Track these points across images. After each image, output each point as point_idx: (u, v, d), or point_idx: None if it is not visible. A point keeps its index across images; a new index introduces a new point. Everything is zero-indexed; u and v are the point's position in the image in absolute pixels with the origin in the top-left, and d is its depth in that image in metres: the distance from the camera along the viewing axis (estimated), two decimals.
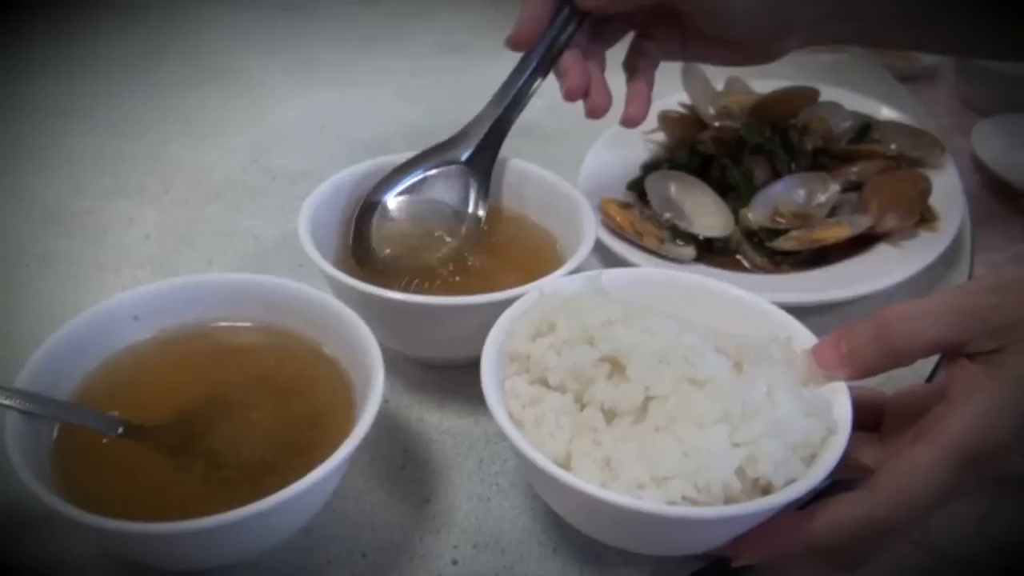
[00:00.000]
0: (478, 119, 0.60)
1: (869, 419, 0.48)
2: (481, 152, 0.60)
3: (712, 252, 0.65)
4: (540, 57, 0.58)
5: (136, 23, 1.05)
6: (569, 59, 0.58)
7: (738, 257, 0.65)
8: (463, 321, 0.51)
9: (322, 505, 0.45)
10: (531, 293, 0.50)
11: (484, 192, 0.59)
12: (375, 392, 0.44)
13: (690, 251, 0.63)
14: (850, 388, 0.45)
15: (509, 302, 0.50)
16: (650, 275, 0.54)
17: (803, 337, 0.48)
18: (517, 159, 0.62)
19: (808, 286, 0.62)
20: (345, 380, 0.49)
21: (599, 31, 0.61)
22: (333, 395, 0.48)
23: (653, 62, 0.61)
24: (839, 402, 0.44)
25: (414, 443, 0.54)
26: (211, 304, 0.51)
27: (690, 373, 0.43)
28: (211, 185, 0.77)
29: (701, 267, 0.63)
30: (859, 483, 0.44)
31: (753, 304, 0.51)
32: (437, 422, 0.55)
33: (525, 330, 0.47)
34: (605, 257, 0.65)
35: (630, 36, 0.63)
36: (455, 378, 0.57)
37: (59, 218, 0.72)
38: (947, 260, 0.67)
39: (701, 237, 0.64)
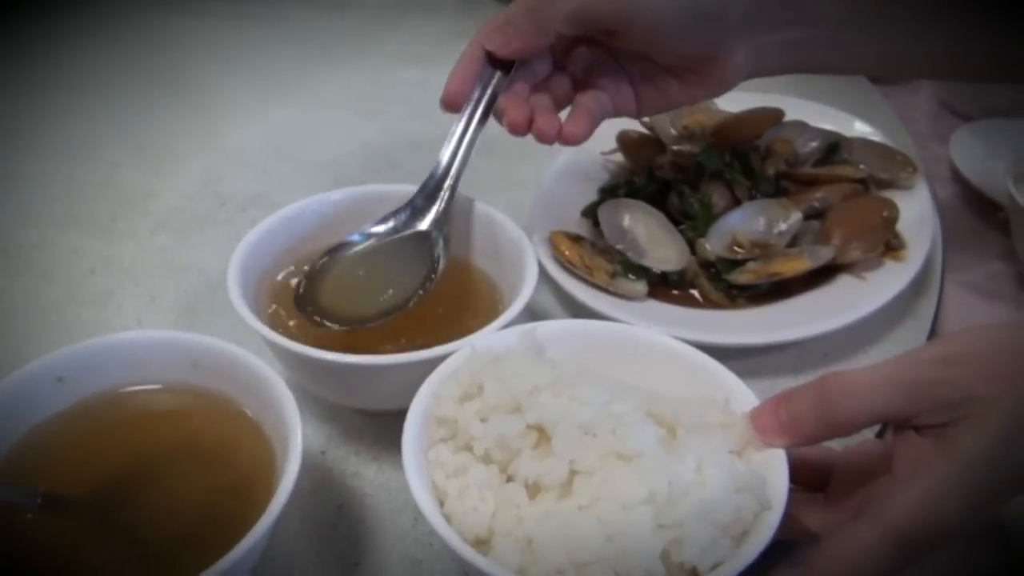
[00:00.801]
0: (430, 178, 0.58)
1: (816, 478, 0.46)
2: (436, 214, 0.58)
3: (667, 285, 0.63)
4: (473, 108, 0.57)
5: (94, 36, 1.02)
6: (505, 100, 0.56)
7: (692, 292, 0.63)
8: (395, 378, 0.50)
9: None
10: (462, 351, 0.48)
11: (442, 253, 0.57)
12: (292, 464, 0.43)
13: (642, 287, 0.61)
14: (789, 454, 0.43)
15: (440, 359, 0.48)
16: (588, 328, 0.51)
17: (743, 397, 0.46)
18: (467, 197, 0.60)
19: (763, 324, 0.60)
20: (268, 444, 0.47)
21: (543, 86, 0.59)
22: (257, 460, 0.46)
23: (601, 105, 0.57)
24: (775, 473, 0.42)
25: (348, 498, 0.52)
26: (137, 364, 0.50)
27: (617, 447, 0.41)
28: (159, 213, 0.75)
29: (653, 303, 0.61)
30: (800, 547, 0.42)
31: (694, 360, 0.49)
32: (373, 475, 0.53)
33: (453, 392, 0.45)
34: (556, 292, 0.63)
35: None
36: (393, 425, 0.54)
37: (6, 253, 0.71)
38: (916, 286, 0.65)
39: (655, 270, 0.62)
